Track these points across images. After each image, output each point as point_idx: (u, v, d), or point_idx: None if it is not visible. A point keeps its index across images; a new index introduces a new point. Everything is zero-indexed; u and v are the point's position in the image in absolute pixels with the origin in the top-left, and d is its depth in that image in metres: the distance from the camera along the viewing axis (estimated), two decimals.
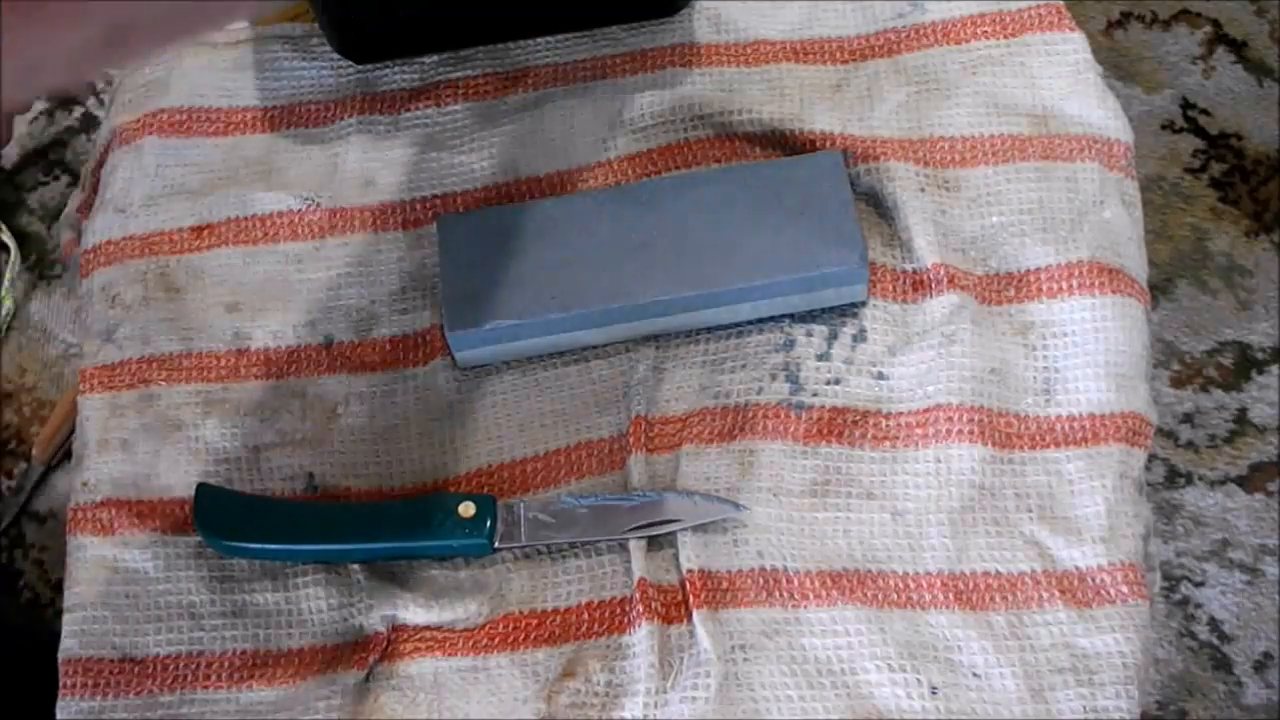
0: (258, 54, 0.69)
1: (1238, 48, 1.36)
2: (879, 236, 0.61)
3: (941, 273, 0.59)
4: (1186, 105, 1.33)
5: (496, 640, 0.54)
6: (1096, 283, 0.59)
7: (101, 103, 1.46)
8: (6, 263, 1.32)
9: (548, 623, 0.54)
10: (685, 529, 0.55)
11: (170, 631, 0.55)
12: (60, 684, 0.55)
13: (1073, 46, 0.65)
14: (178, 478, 0.58)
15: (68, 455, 0.75)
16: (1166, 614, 1.11)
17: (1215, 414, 1.19)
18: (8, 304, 1.30)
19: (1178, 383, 1.20)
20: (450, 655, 0.54)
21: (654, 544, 0.55)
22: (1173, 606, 1.11)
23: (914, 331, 0.59)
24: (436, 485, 0.58)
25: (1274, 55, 1.35)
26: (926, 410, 0.57)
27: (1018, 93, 0.64)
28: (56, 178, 1.39)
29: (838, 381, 0.58)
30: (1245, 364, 1.21)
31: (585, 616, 0.54)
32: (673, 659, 0.53)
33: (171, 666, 0.55)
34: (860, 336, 0.59)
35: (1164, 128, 1.32)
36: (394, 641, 0.55)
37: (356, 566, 0.56)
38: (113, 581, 0.56)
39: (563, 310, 0.58)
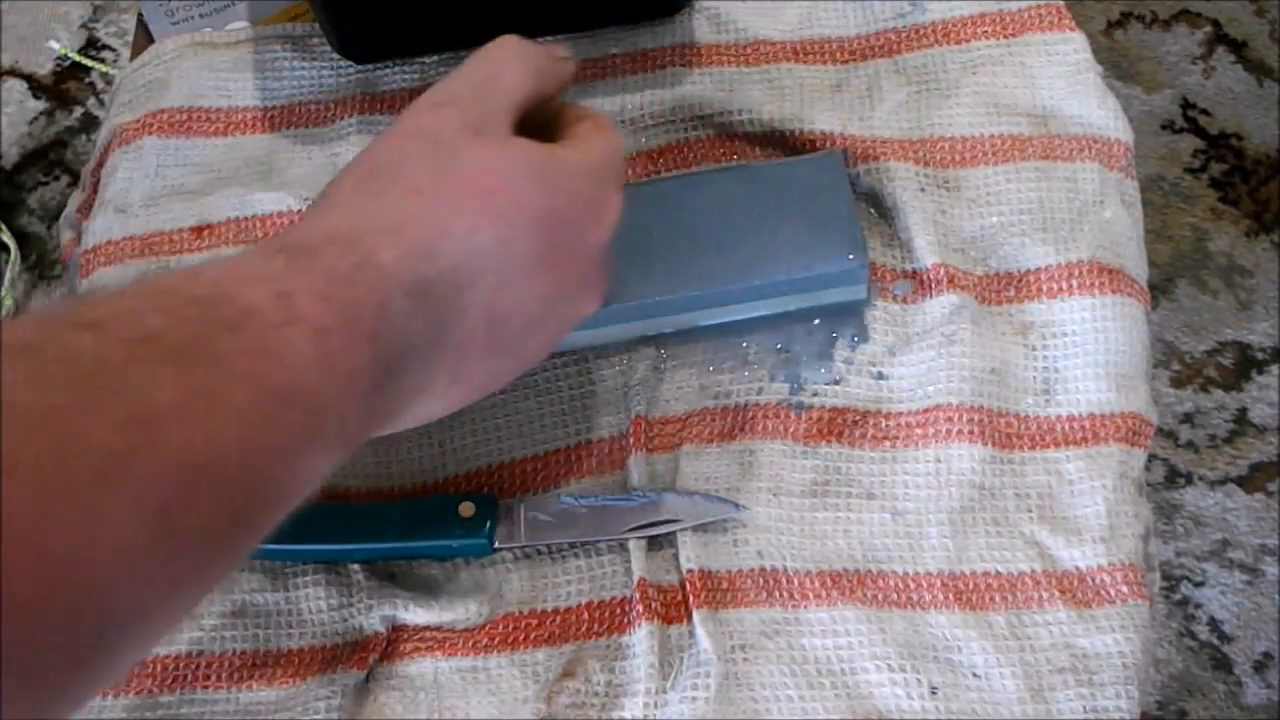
0: (258, 54, 0.69)
1: (1238, 48, 1.36)
2: (879, 236, 0.61)
3: (941, 273, 0.59)
4: (1186, 105, 1.33)
5: (496, 640, 0.54)
6: (1096, 283, 0.59)
7: (101, 103, 1.46)
8: (6, 263, 1.32)
9: (547, 623, 0.54)
10: (685, 529, 0.55)
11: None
12: None
13: (1073, 46, 0.65)
14: None
15: None
16: (1166, 614, 1.11)
17: (1215, 414, 1.20)
18: (8, 304, 1.30)
19: (1178, 383, 1.20)
20: (450, 655, 0.54)
21: (654, 544, 0.55)
22: (1173, 606, 1.11)
23: (914, 331, 0.59)
24: (436, 485, 0.58)
25: (1274, 55, 1.35)
26: (926, 410, 0.57)
27: (1018, 93, 0.64)
28: (56, 178, 1.39)
29: (838, 381, 0.58)
30: (1245, 364, 1.21)
31: (585, 616, 0.54)
32: (673, 659, 0.53)
33: (171, 666, 0.55)
34: (860, 336, 0.59)
35: (1164, 128, 1.32)
36: (394, 641, 0.55)
37: (356, 566, 0.56)
38: None
39: None
